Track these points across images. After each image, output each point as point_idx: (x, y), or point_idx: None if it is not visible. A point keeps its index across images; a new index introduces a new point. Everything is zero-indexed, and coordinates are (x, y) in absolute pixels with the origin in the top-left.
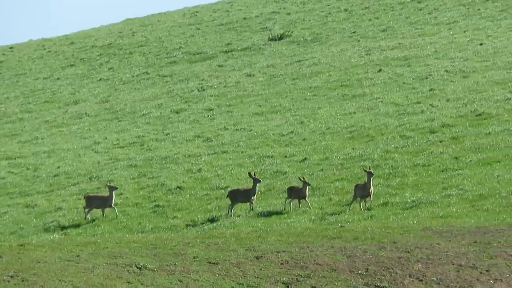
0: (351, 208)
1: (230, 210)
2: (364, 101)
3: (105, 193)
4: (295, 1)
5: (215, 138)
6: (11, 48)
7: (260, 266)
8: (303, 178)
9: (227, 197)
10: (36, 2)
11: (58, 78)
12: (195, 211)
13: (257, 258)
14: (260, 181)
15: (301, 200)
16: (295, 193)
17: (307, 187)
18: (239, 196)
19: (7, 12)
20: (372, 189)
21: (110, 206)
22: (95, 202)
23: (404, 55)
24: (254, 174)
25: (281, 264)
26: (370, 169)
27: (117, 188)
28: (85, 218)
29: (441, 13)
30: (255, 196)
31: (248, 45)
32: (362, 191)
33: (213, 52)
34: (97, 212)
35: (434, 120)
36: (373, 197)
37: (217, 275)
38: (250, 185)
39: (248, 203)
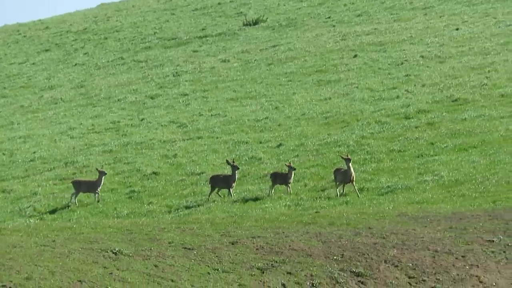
0: (338, 193)
1: (209, 195)
2: (340, 87)
3: (93, 177)
4: None
5: (190, 124)
6: None
7: (235, 251)
8: (289, 163)
9: (209, 183)
10: None
11: (33, 63)
12: (171, 197)
13: (232, 244)
14: (238, 168)
15: (286, 185)
16: (280, 178)
17: (293, 172)
18: (219, 182)
19: None
20: (353, 174)
21: (98, 191)
22: (83, 186)
23: (379, 40)
24: (233, 161)
25: (256, 249)
26: (347, 155)
27: (106, 173)
28: (71, 203)
29: None
30: (234, 183)
31: (223, 30)
32: (343, 177)
33: (188, 37)
34: (74, 197)
35: (409, 106)
36: (355, 182)
37: (192, 260)
38: (229, 172)
39: (227, 189)
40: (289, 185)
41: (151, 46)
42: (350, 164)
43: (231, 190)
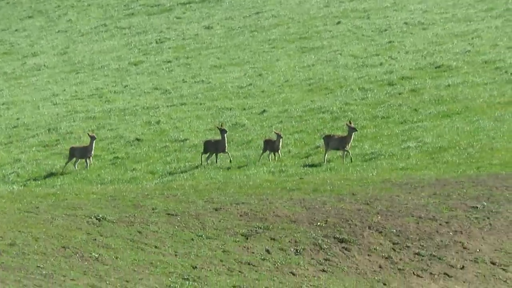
0: (325, 159)
1: (202, 160)
2: (323, 54)
3: (85, 143)
4: None
5: (173, 90)
6: None
7: (219, 217)
8: (278, 131)
9: (203, 148)
10: None
11: (16, 30)
12: (154, 163)
13: (216, 210)
14: (226, 131)
15: (275, 152)
16: (270, 145)
17: (281, 140)
18: (211, 146)
19: None
20: (351, 142)
21: (91, 156)
22: (77, 153)
23: (363, 7)
24: (221, 125)
25: (240, 216)
26: (351, 123)
27: (96, 137)
28: (64, 168)
29: None
30: (225, 147)
31: None
32: (338, 143)
33: (171, 4)
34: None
35: (393, 73)
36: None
37: (176, 226)
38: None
39: (220, 154)
40: (279, 152)
41: (134, 13)
42: (354, 134)
43: (228, 155)
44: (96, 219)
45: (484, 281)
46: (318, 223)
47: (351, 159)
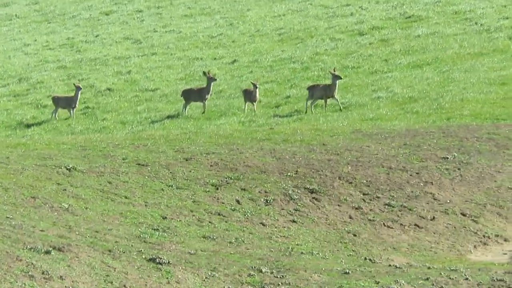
0: (308, 109)
1: (184, 109)
2: (294, 3)
3: (71, 93)
4: None
5: (144, 40)
6: None
7: (189, 167)
8: (255, 81)
9: (181, 96)
10: None
11: None
12: (125, 113)
13: (186, 160)
14: (215, 79)
15: (253, 102)
16: (248, 95)
17: (257, 90)
18: (192, 95)
19: None
20: (336, 90)
21: (75, 106)
22: (61, 102)
23: None
24: (209, 73)
25: (211, 166)
26: (335, 70)
27: (81, 88)
28: (51, 118)
29: None
30: (209, 95)
31: None
32: (324, 92)
33: None
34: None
35: (363, 23)
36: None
37: (146, 176)
38: (204, 84)
39: (201, 103)
40: (255, 103)
41: None
42: (338, 82)
43: (205, 103)
44: (66, 169)
45: (454, 232)
46: (288, 174)
47: (340, 108)
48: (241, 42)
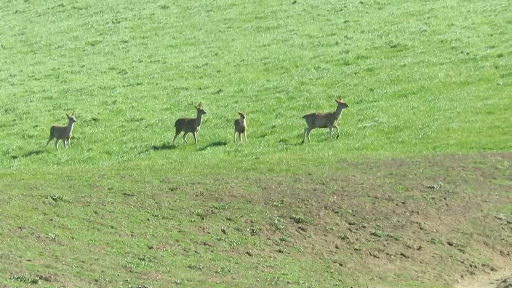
0: (305, 139)
1: (174, 138)
2: (279, 33)
3: (65, 124)
4: None
5: (130, 70)
6: None
7: (175, 197)
8: (242, 111)
9: (174, 126)
10: None
11: None
12: (110, 143)
13: (172, 190)
14: (204, 112)
15: (240, 133)
16: (237, 125)
17: (244, 120)
18: (183, 125)
19: None
20: (339, 118)
21: (68, 137)
22: (56, 132)
23: None
24: (199, 105)
25: (196, 195)
26: (340, 99)
27: (75, 120)
28: (46, 147)
29: None
30: (199, 126)
31: None
32: (328, 120)
33: None
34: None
35: (348, 52)
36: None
37: (132, 206)
38: (195, 116)
39: (192, 133)
40: (243, 133)
41: None
42: (342, 110)
43: (195, 134)
44: (53, 199)
45: (441, 262)
46: (274, 203)
47: (337, 135)
48: (226, 72)
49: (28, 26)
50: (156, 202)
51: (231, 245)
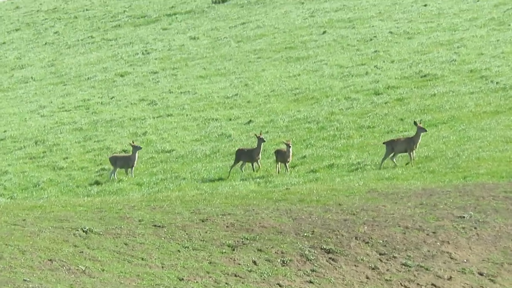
0: (383, 165)
1: (231, 168)
2: (309, 64)
3: (128, 153)
4: None
5: (159, 101)
6: None
7: (205, 229)
8: (287, 141)
9: (235, 156)
10: None
11: (3, 43)
12: (141, 174)
13: (202, 221)
14: (264, 140)
15: (285, 163)
16: (281, 156)
17: (290, 149)
18: (243, 155)
19: None
20: (419, 142)
21: (133, 166)
22: (119, 162)
23: (348, 17)
24: (260, 134)
25: (227, 227)
26: (420, 122)
27: (140, 148)
28: (110, 179)
29: None
30: (259, 155)
31: (192, 8)
32: (408, 145)
33: (157, 15)
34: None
35: (378, 82)
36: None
37: (162, 238)
38: (255, 145)
39: (252, 163)
40: (287, 163)
41: (121, 25)
42: (422, 134)
43: (258, 163)
44: (83, 231)
45: None
46: (305, 234)
47: (412, 161)
48: (257, 102)
49: (58, 58)
50: (186, 234)
51: (261, 276)
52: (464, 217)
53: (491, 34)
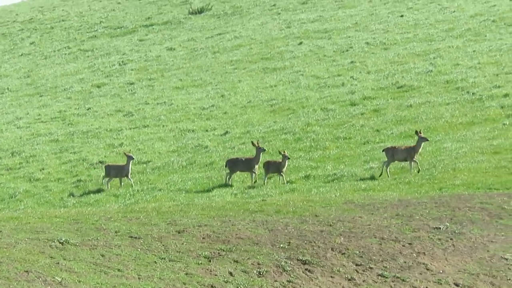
0: (382, 174)
1: (227, 179)
2: (285, 74)
3: (122, 162)
4: None
5: (136, 112)
6: None
7: (182, 240)
8: (284, 151)
9: (225, 166)
10: None
11: None
12: (117, 185)
13: (178, 232)
14: (264, 150)
15: (279, 174)
16: (273, 167)
17: (287, 161)
18: (239, 165)
19: None
20: (420, 151)
21: (127, 175)
22: (113, 171)
23: (324, 27)
24: (258, 143)
25: (203, 238)
26: (420, 132)
27: (133, 158)
28: (105, 187)
29: None
30: (257, 165)
31: (169, 19)
32: (408, 154)
33: (134, 26)
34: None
35: (355, 93)
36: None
37: (139, 249)
38: (252, 155)
39: (249, 173)
40: (283, 174)
41: (97, 36)
42: (422, 144)
43: (254, 173)
44: (59, 242)
45: None
46: (281, 245)
47: (418, 170)
48: (233, 113)
49: (34, 69)
50: (163, 245)
51: (238, 287)
52: (440, 228)
53: (467, 45)
